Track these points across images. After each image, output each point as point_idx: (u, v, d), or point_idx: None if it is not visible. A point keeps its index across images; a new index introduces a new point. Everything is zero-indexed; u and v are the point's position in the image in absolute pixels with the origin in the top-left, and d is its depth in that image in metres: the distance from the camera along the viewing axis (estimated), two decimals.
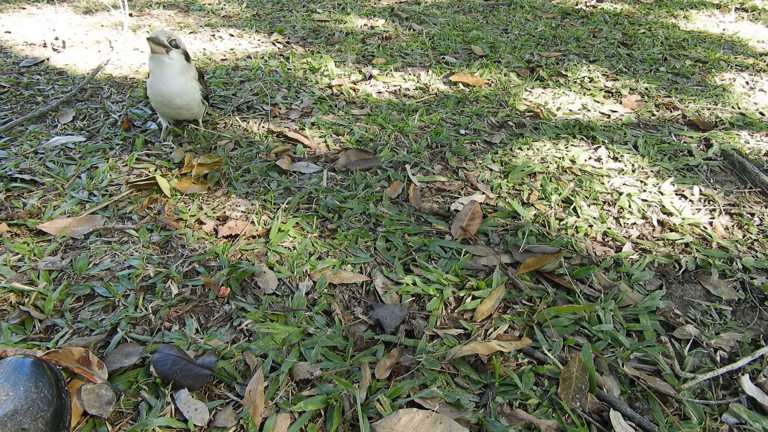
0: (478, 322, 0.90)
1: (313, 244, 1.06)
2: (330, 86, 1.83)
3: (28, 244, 1.03)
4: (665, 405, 0.78)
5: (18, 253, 1.00)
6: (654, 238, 1.14)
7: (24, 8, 2.56)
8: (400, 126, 1.56)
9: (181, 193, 1.21)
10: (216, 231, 1.10)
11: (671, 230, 1.17)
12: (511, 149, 1.46)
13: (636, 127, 1.65)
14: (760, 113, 1.77)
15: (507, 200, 1.23)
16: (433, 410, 0.73)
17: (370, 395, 0.76)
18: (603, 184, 1.31)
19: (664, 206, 1.23)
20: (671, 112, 1.75)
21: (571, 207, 1.21)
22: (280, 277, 0.97)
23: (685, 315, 0.95)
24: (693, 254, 1.09)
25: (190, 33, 2.35)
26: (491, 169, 1.36)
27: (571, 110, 1.72)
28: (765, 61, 2.27)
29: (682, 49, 2.38)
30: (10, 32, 2.22)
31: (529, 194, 1.26)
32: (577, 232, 1.13)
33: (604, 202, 1.25)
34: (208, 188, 1.23)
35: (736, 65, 2.21)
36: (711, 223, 1.19)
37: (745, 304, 0.99)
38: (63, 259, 1.00)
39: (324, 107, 1.66)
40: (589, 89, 1.89)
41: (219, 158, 1.29)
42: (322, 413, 0.75)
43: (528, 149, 1.46)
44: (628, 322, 0.91)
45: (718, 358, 0.86)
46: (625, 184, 1.32)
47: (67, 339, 0.83)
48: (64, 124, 1.51)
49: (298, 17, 2.67)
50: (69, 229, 1.07)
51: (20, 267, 0.97)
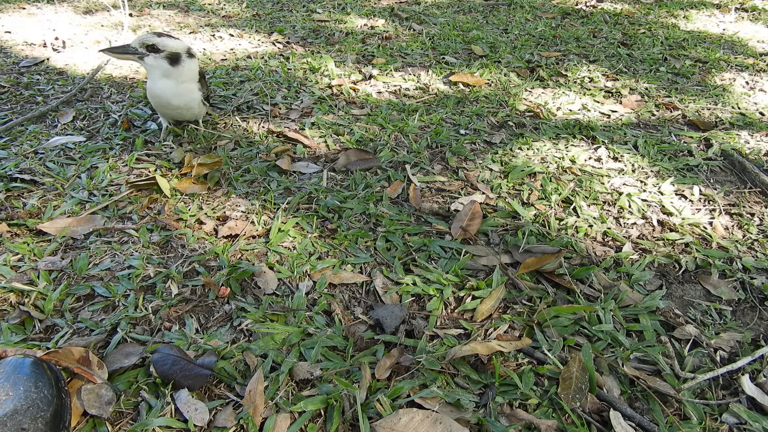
0: (478, 322, 0.90)
1: (313, 244, 1.06)
2: (330, 86, 1.83)
3: (28, 244, 1.03)
4: (665, 405, 0.78)
5: (18, 253, 1.00)
6: (654, 238, 1.14)
7: (24, 8, 2.56)
8: (400, 126, 1.56)
9: (181, 193, 1.21)
10: (216, 231, 1.10)
11: (671, 230, 1.17)
12: (511, 149, 1.46)
13: (636, 127, 1.65)
14: (760, 113, 1.77)
15: (507, 200, 1.23)
16: (433, 410, 0.73)
17: (370, 395, 0.76)
18: (603, 184, 1.31)
19: (664, 206, 1.24)
20: (671, 112, 1.75)
21: (571, 207, 1.21)
22: (280, 277, 0.97)
23: (685, 315, 0.95)
24: (693, 254, 1.09)
25: (190, 33, 2.35)
26: (491, 169, 1.36)
27: (571, 110, 1.72)
28: (765, 61, 2.27)
29: (682, 49, 2.38)
30: (10, 32, 2.22)
31: (529, 194, 1.26)
32: (577, 232, 1.13)
33: (604, 202, 1.25)
34: (208, 188, 1.23)
35: (736, 65, 2.21)
36: (711, 223, 1.19)
37: (745, 304, 0.99)
38: (63, 259, 1.00)
39: (324, 107, 1.66)
40: (589, 89, 1.89)
41: (219, 158, 1.29)
42: (322, 413, 0.75)
43: (528, 149, 1.46)
44: (628, 322, 0.91)
45: (718, 358, 0.86)
46: (625, 184, 1.32)
47: (67, 339, 0.83)
48: (64, 124, 1.51)
49: (298, 17, 2.67)
50: (69, 229, 1.07)
51: (20, 267, 0.97)
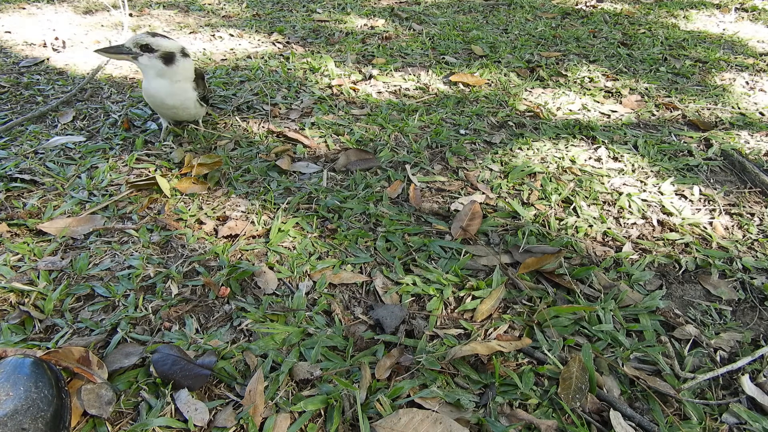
0: (478, 322, 0.90)
1: (313, 244, 1.06)
2: (330, 86, 1.83)
3: (28, 244, 1.03)
4: (665, 405, 0.78)
5: (18, 253, 1.00)
6: (654, 238, 1.14)
7: (24, 8, 2.56)
8: (400, 126, 1.56)
9: (181, 193, 1.21)
10: (216, 231, 1.10)
11: (671, 230, 1.17)
12: (511, 149, 1.46)
13: (636, 127, 1.65)
14: (760, 113, 1.77)
15: (507, 200, 1.23)
16: (433, 410, 0.73)
17: (370, 395, 0.76)
18: (603, 184, 1.31)
19: (664, 206, 1.24)
20: (671, 112, 1.75)
21: (571, 207, 1.21)
22: (280, 277, 0.97)
23: (685, 315, 0.95)
24: (693, 254, 1.09)
25: (190, 33, 2.35)
26: (491, 169, 1.36)
27: (571, 110, 1.72)
28: (765, 61, 2.27)
29: (682, 49, 2.38)
30: (10, 32, 2.22)
31: (529, 194, 1.26)
32: (577, 232, 1.13)
33: (604, 202, 1.25)
34: (208, 188, 1.23)
35: (736, 65, 2.21)
36: (711, 223, 1.19)
37: (745, 304, 0.99)
38: (63, 259, 1.00)
39: (324, 107, 1.66)
40: (589, 89, 1.89)
41: (219, 158, 1.29)
42: (322, 413, 0.75)
43: (528, 149, 1.46)
44: (628, 322, 0.91)
45: (718, 358, 0.86)
46: (625, 184, 1.32)
47: (67, 339, 0.83)
48: (64, 124, 1.51)
49: (298, 17, 2.67)
50: (69, 229, 1.07)
51: (20, 267, 0.97)
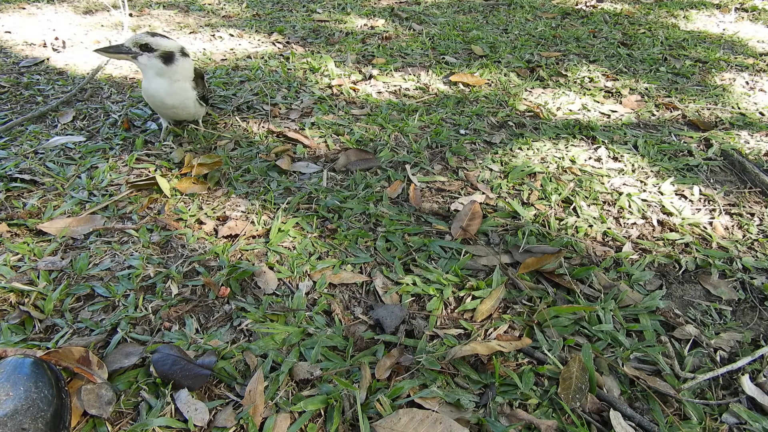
0: (478, 322, 0.90)
1: (313, 244, 1.06)
2: (330, 86, 1.83)
3: (28, 244, 1.03)
4: (665, 405, 0.78)
5: (18, 253, 1.00)
6: (654, 238, 1.14)
7: (24, 8, 2.56)
8: (400, 126, 1.56)
9: (181, 193, 1.21)
10: (216, 231, 1.10)
11: (671, 230, 1.17)
12: (511, 149, 1.46)
13: (636, 127, 1.65)
14: (760, 113, 1.77)
15: (507, 200, 1.23)
16: (433, 410, 0.73)
17: (370, 395, 0.76)
18: (603, 184, 1.31)
19: (664, 206, 1.24)
20: (671, 112, 1.75)
21: (571, 207, 1.21)
22: (280, 277, 0.97)
23: (685, 315, 0.95)
24: (693, 254, 1.09)
25: (190, 33, 2.35)
26: (491, 169, 1.36)
27: (571, 110, 1.72)
28: (765, 61, 2.27)
29: (682, 49, 2.38)
30: (10, 32, 2.22)
31: (529, 194, 1.26)
32: (577, 232, 1.13)
33: (604, 202, 1.25)
34: (208, 188, 1.23)
35: (736, 65, 2.21)
36: (711, 223, 1.19)
37: (745, 304, 0.99)
38: (63, 259, 1.00)
39: (324, 107, 1.66)
40: (589, 89, 1.89)
41: (219, 158, 1.29)
42: (322, 413, 0.75)
43: (528, 149, 1.46)
44: (628, 322, 0.91)
45: (718, 358, 0.86)
46: (625, 184, 1.32)
47: (67, 339, 0.83)
48: (64, 124, 1.51)
49: (298, 17, 2.67)
50: (69, 229, 1.07)
51: (20, 267, 0.97)
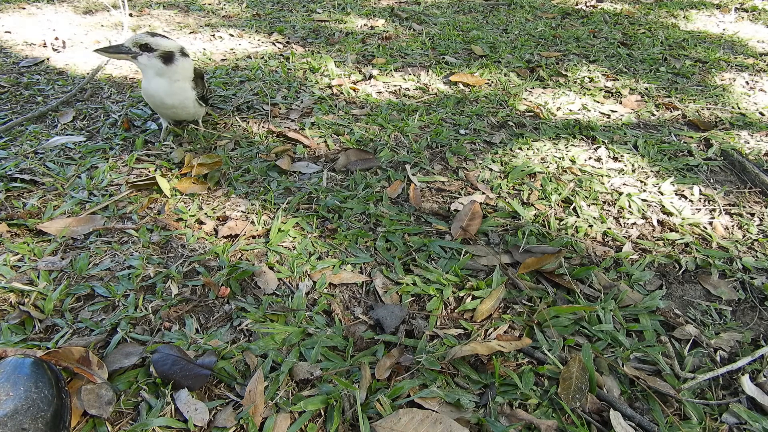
0: (478, 322, 0.90)
1: (313, 244, 1.06)
2: (330, 86, 1.83)
3: (28, 244, 1.03)
4: (665, 405, 0.78)
5: (18, 253, 1.00)
6: (654, 238, 1.14)
7: (24, 8, 2.56)
8: (400, 126, 1.56)
9: (181, 193, 1.21)
10: (216, 231, 1.10)
11: (671, 230, 1.17)
12: (511, 149, 1.46)
13: (636, 127, 1.65)
14: (760, 113, 1.77)
15: (507, 200, 1.23)
16: (433, 410, 0.73)
17: (370, 395, 0.76)
18: (603, 184, 1.31)
19: (664, 206, 1.24)
20: (671, 112, 1.75)
21: (571, 207, 1.21)
22: (280, 277, 0.97)
23: (685, 315, 0.95)
24: (693, 254, 1.09)
25: (190, 33, 2.35)
26: (491, 169, 1.36)
27: (571, 110, 1.72)
28: (765, 61, 2.27)
29: (682, 49, 2.38)
30: (10, 32, 2.22)
31: (529, 194, 1.26)
32: (577, 232, 1.13)
33: (604, 202, 1.25)
34: (208, 188, 1.23)
35: (736, 65, 2.21)
36: (711, 223, 1.19)
37: (745, 304, 0.99)
38: (63, 259, 1.00)
39: (324, 107, 1.66)
40: (589, 89, 1.89)
41: (219, 158, 1.29)
42: (322, 413, 0.75)
43: (528, 149, 1.46)
44: (628, 322, 0.91)
45: (718, 358, 0.86)
46: (625, 184, 1.32)
47: (67, 339, 0.83)
48: (64, 124, 1.51)
49: (298, 17, 2.67)
50: (69, 229, 1.07)
51: (20, 267, 0.97)
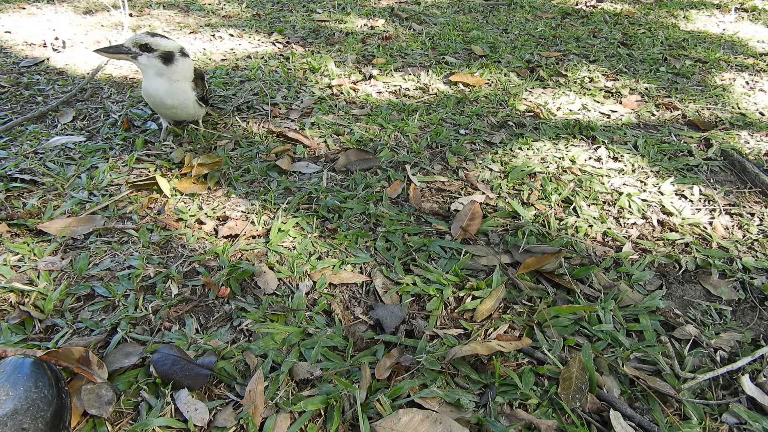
0: (478, 322, 0.90)
1: (313, 244, 1.06)
2: (330, 86, 1.83)
3: (28, 244, 1.03)
4: (665, 405, 0.78)
5: (18, 253, 1.00)
6: (654, 238, 1.14)
7: (24, 8, 2.56)
8: (400, 126, 1.56)
9: (181, 193, 1.21)
10: (216, 231, 1.10)
11: (671, 230, 1.17)
12: (511, 149, 1.46)
13: (636, 127, 1.65)
14: (760, 113, 1.77)
15: (507, 200, 1.23)
16: (433, 410, 0.73)
17: (370, 395, 0.76)
18: (603, 184, 1.31)
19: (664, 206, 1.24)
20: (671, 112, 1.75)
21: (571, 207, 1.21)
22: (280, 277, 0.97)
23: (685, 315, 0.95)
24: (693, 254, 1.09)
25: (190, 33, 2.35)
26: (491, 169, 1.36)
27: (571, 110, 1.72)
28: (765, 61, 2.27)
29: (682, 49, 2.38)
30: (10, 32, 2.22)
31: (529, 194, 1.26)
32: (577, 232, 1.13)
33: (604, 202, 1.25)
34: (208, 188, 1.23)
35: (736, 65, 2.21)
36: (711, 223, 1.19)
37: (745, 304, 0.99)
38: (63, 259, 1.00)
39: (324, 107, 1.66)
40: (589, 89, 1.89)
41: (219, 158, 1.29)
42: (322, 413, 0.75)
43: (528, 149, 1.46)
44: (628, 322, 0.91)
45: (718, 358, 0.86)
46: (625, 184, 1.32)
47: (67, 339, 0.83)
48: (64, 124, 1.51)
49: (298, 17, 2.67)
50: (69, 229, 1.07)
51: (20, 267, 0.97)
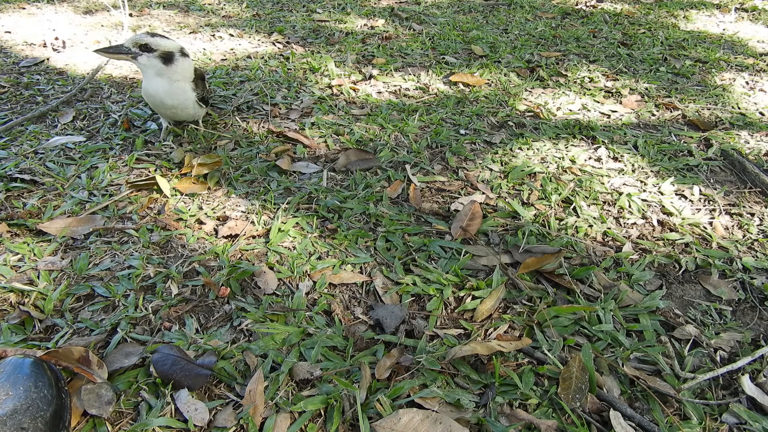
0: (478, 322, 0.90)
1: (313, 244, 1.06)
2: (330, 86, 1.83)
3: (28, 244, 1.03)
4: (665, 405, 0.78)
5: (18, 253, 1.00)
6: (654, 238, 1.14)
7: (24, 8, 2.56)
8: (400, 126, 1.55)
9: (181, 193, 1.21)
10: (216, 231, 1.10)
11: (671, 230, 1.17)
12: (511, 149, 1.46)
13: (636, 127, 1.65)
14: (760, 113, 1.77)
15: (507, 200, 1.23)
16: (433, 410, 0.73)
17: (370, 395, 0.76)
18: (603, 184, 1.31)
19: (664, 206, 1.24)
20: (671, 112, 1.75)
21: (571, 207, 1.21)
22: (280, 277, 0.97)
23: (685, 315, 0.95)
24: (693, 254, 1.09)
25: (190, 33, 2.35)
26: (491, 169, 1.36)
27: (571, 110, 1.72)
28: (765, 61, 2.27)
29: (682, 49, 2.38)
30: (10, 32, 2.22)
31: (529, 194, 1.25)
32: (577, 232, 1.13)
33: (604, 202, 1.25)
34: (208, 188, 1.23)
35: (736, 65, 2.21)
36: (711, 223, 1.19)
37: (745, 304, 0.99)
38: (63, 259, 1.00)
39: (324, 107, 1.66)
40: (589, 89, 1.89)
41: (219, 158, 1.29)
42: (322, 413, 0.75)
43: (528, 149, 1.46)
44: (628, 322, 0.91)
45: (718, 358, 0.86)
46: (625, 184, 1.32)
47: (67, 339, 0.83)
48: (64, 124, 1.51)
49: (298, 17, 2.67)
50: (69, 229, 1.07)
51: (20, 267, 0.97)
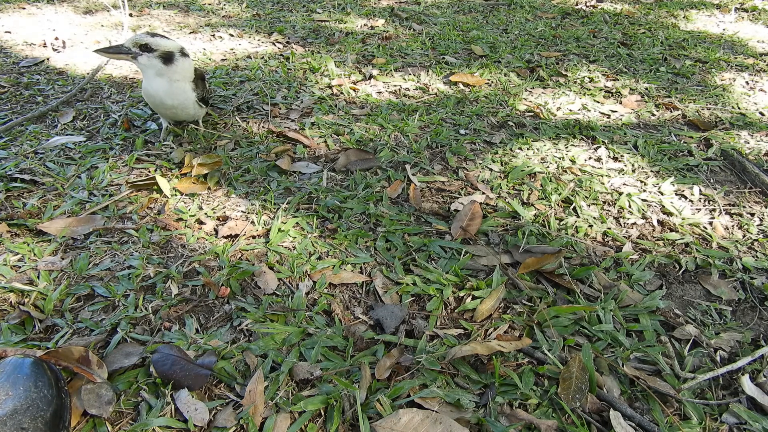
0: (478, 322, 0.90)
1: (313, 244, 1.06)
2: (330, 86, 1.83)
3: (28, 244, 1.03)
4: (665, 405, 0.78)
5: (18, 253, 1.00)
6: (654, 238, 1.14)
7: (24, 8, 2.56)
8: (400, 126, 1.56)
9: (181, 193, 1.21)
10: (216, 231, 1.10)
11: (671, 230, 1.17)
12: (511, 149, 1.46)
13: (636, 127, 1.65)
14: (760, 113, 1.77)
15: (507, 200, 1.23)
16: (433, 410, 0.73)
17: (370, 395, 0.76)
18: (603, 184, 1.31)
19: (664, 206, 1.24)
20: (671, 112, 1.75)
21: (571, 207, 1.21)
22: (280, 277, 0.97)
23: (685, 315, 0.95)
24: (693, 254, 1.09)
25: (190, 33, 2.35)
26: (491, 169, 1.36)
27: (571, 110, 1.72)
28: (765, 61, 2.27)
29: (682, 49, 2.38)
30: (10, 32, 2.22)
31: (529, 194, 1.26)
32: (577, 232, 1.13)
33: (604, 202, 1.25)
34: (208, 188, 1.23)
35: (736, 65, 2.21)
36: (711, 223, 1.19)
37: (745, 304, 0.99)
38: (63, 259, 1.00)
39: (324, 107, 1.66)
40: (589, 89, 1.89)
41: (219, 158, 1.29)
42: (322, 413, 0.75)
43: (528, 149, 1.46)
44: (628, 322, 0.91)
45: (718, 358, 0.86)
46: (625, 184, 1.32)
47: (67, 339, 0.83)
48: (64, 124, 1.51)
49: (298, 17, 2.67)
50: (69, 229, 1.07)
51: (20, 267, 0.97)
